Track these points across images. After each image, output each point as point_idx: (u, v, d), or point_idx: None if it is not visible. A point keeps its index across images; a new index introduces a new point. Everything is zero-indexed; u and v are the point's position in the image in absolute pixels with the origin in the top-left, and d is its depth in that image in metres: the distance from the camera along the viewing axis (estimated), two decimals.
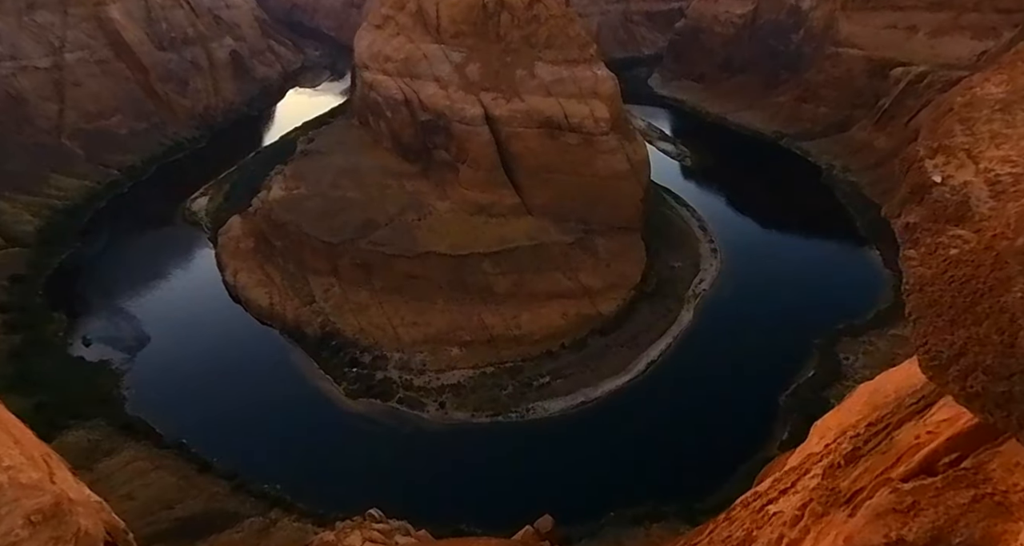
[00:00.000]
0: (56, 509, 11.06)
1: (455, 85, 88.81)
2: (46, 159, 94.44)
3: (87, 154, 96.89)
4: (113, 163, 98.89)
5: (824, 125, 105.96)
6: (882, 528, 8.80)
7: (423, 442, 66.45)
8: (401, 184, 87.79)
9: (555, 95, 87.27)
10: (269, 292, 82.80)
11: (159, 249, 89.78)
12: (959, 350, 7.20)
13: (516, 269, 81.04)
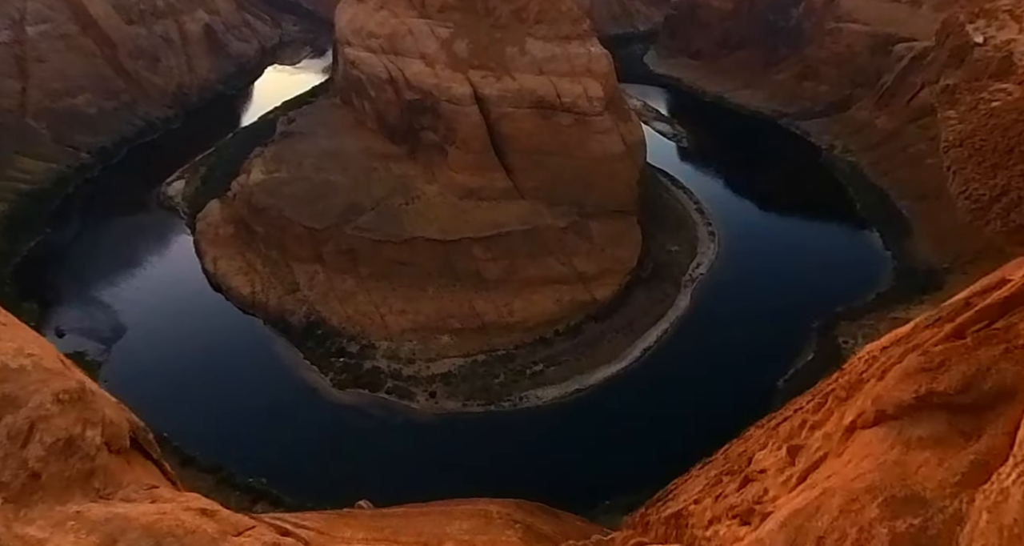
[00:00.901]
0: (82, 393, 11.69)
1: (442, 63, 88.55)
2: (9, 140, 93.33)
3: (54, 135, 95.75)
4: (82, 144, 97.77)
5: (824, 104, 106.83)
6: (911, 385, 9.72)
7: (413, 433, 67.24)
8: (387, 167, 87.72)
9: (547, 73, 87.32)
10: (251, 280, 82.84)
11: (134, 235, 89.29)
12: (1001, 190, 8.12)
13: (508, 254, 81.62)
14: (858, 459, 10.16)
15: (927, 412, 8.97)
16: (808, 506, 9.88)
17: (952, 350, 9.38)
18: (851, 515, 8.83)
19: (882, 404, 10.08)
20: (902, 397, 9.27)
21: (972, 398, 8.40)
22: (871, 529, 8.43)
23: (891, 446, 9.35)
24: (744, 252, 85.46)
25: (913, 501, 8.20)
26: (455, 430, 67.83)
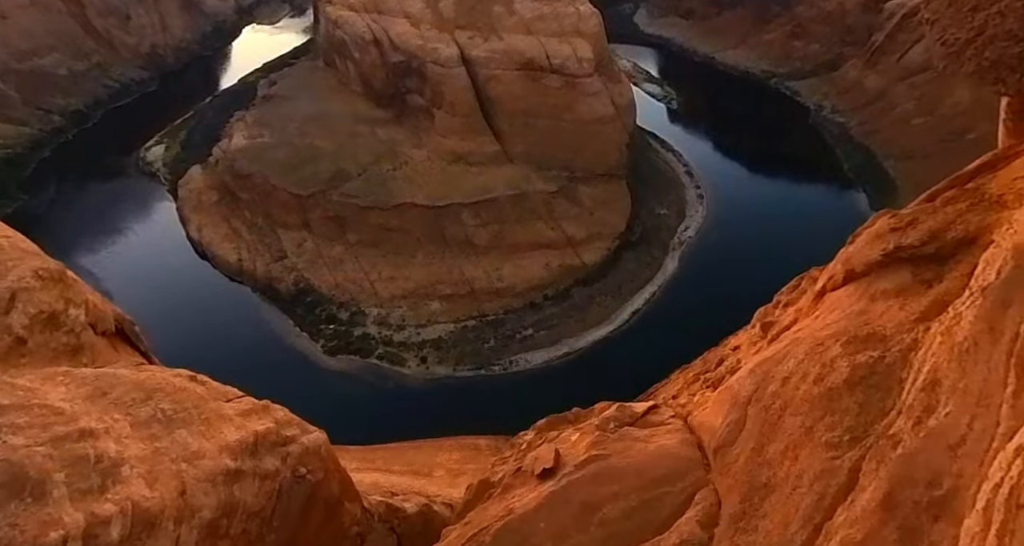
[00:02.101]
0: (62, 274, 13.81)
1: (428, 22, 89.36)
2: None
3: (23, 97, 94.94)
4: (53, 107, 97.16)
5: (815, 64, 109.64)
6: (880, 244, 12.06)
7: (405, 397, 71.38)
8: (373, 131, 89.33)
9: (535, 33, 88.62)
10: (237, 247, 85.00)
11: (114, 202, 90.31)
12: (977, 30, 9.17)
13: (497, 220, 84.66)
14: (826, 314, 12.77)
15: (893, 267, 11.49)
16: (776, 354, 12.23)
17: (921, 211, 11.07)
18: (815, 356, 10.97)
19: (851, 264, 12.40)
20: (870, 255, 11.71)
21: (935, 247, 10.68)
22: (832, 364, 10.75)
23: (858, 299, 11.47)
24: (732, 214, 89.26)
25: (873, 338, 10.56)
26: (446, 394, 71.45)
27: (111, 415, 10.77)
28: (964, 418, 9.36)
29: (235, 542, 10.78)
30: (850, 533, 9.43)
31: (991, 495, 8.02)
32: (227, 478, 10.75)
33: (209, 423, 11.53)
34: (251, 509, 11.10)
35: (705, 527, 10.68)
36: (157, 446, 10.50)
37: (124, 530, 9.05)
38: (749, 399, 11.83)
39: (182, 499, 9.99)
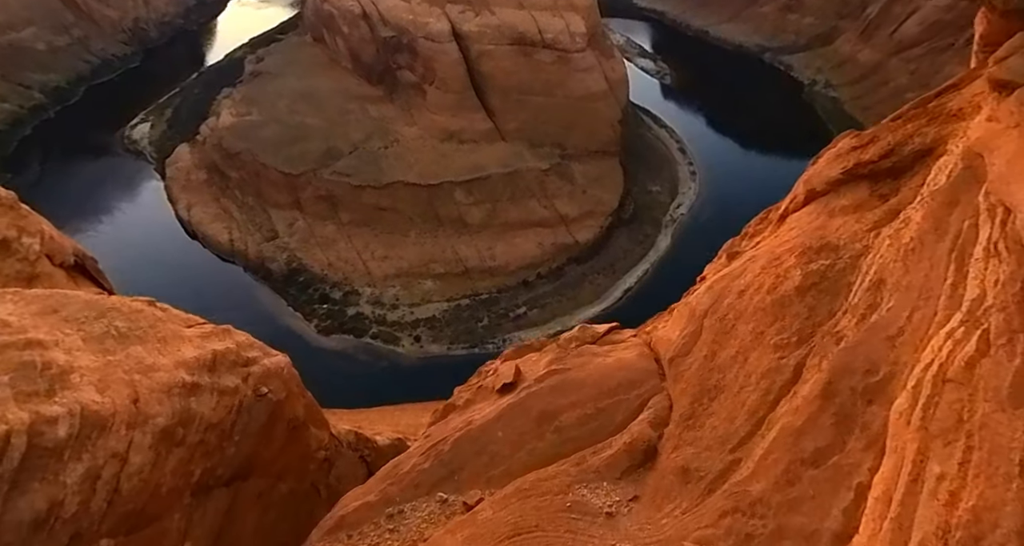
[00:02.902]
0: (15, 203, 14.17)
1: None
2: None
3: (1, 72, 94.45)
4: (34, 84, 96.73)
5: (808, 37, 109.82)
6: (840, 163, 12.76)
7: (400, 376, 72.23)
8: (364, 109, 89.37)
9: (527, 7, 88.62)
10: (228, 227, 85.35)
11: (100, 181, 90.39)
12: None
13: (490, 198, 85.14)
14: (785, 232, 13.29)
15: (852, 184, 12.07)
16: (733, 271, 12.88)
17: (883, 128, 12.38)
18: (771, 269, 11.65)
19: (812, 184, 13.25)
20: (831, 174, 12.45)
21: (893, 162, 11.44)
22: (786, 274, 11.35)
23: (816, 216, 12.37)
24: (724, 191, 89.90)
25: (827, 248, 11.25)
26: (440, 372, 72.42)
27: (62, 330, 11.04)
28: (905, 311, 9.82)
29: (192, 451, 11.11)
30: (790, 421, 9.99)
31: (921, 374, 8.46)
32: (183, 391, 11.06)
33: (165, 341, 11.82)
34: (209, 421, 11.42)
35: (656, 427, 11.11)
36: (110, 359, 10.79)
37: (72, 429, 9.36)
38: (706, 312, 12.29)
39: (135, 406, 10.28)
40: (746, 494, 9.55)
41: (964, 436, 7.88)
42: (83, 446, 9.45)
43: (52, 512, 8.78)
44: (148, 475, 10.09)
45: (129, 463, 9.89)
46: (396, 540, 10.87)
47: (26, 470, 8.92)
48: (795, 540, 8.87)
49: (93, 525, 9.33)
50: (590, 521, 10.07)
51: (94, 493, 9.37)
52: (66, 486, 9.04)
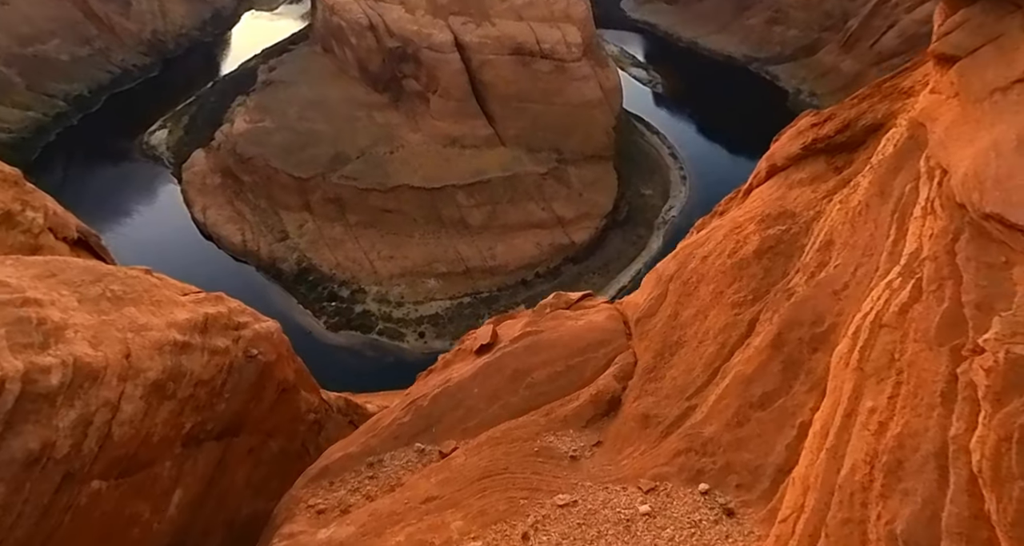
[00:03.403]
0: (19, 179, 14.18)
1: (422, 8, 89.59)
2: None
3: (27, 82, 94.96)
4: (57, 92, 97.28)
5: (793, 49, 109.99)
6: (800, 139, 13.08)
7: (405, 370, 72.09)
8: (371, 116, 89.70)
9: (526, 19, 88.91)
10: (241, 228, 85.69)
11: (120, 185, 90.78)
12: None
13: (490, 201, 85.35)
14: (748, 204, 13.60)
15: (811, 158, 12.34)
16: (699, 239, 13.18)
17: (839, 107, 12.81)
18: (732, 235, 11.98)
19: (774, 159, 13.54)
20: (791, 149, 12.73)
21: (847, 136, 11.70)
22: (746, 239, 11.64)
23: (777, 189, 12.72)
24: (714, 194, 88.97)
25: (784, 215, 11.57)
26: None
27: (59, 291, 11.14)
28: (850, 268, 9.95)
29: (183, 404, 11.26)
30: (742, 369, 10.09)
31: (860, 322, 8.62)
32: (174, 348, 11.20)
33: (159, 304, 11.95)
34: (200, 378, 11.55)
35: (620, 380, 11.26)
36: (104, 318, 10.92)
37: (65, 378, 9.49)
38: (671, 277, 12.42)
39: (127, 361, 10.41)
40: (699, 435, 9.72)
41: (895, 373, 8.05)
42: (75, 394, 9.59)
43: (44, 452, 8.94)
44: (139, 424, 10.24)
45: (120, 412, 10.04)
46: (375, 486, 11.03)
47: (19, 414, 9.07)
48: (741, 474, 9.03)
49: (85, 466, 9.48)
50: (555, 463, 10.23)
51: (85, 437, 9.52)
52: (58, 429, 9.19)
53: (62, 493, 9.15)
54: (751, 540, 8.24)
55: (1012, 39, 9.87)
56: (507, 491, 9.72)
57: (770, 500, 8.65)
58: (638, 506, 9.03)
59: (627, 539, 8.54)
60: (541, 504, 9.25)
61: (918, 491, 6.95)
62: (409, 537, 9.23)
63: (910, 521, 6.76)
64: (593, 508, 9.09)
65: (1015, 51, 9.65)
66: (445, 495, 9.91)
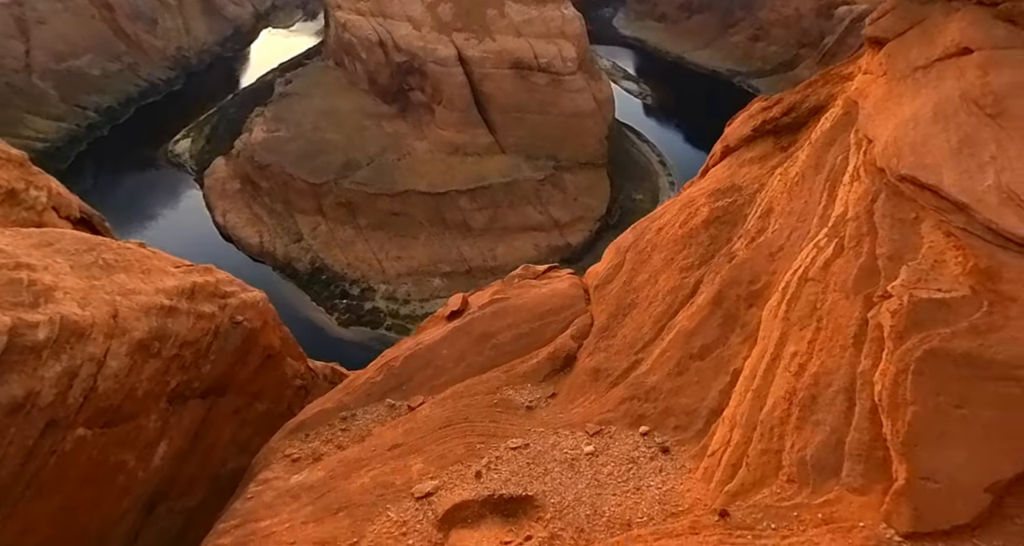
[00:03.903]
0: (24, 161, 14.17)
1: (428, 25, 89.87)
2: (19, 100, 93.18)
3: (61, 95, 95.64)
4: (89, 104, 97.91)
5: (773, 64, 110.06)
6: (751, 122, 13.32)
7: None
8: (379, 125, 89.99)
9: (524, 36, 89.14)
10: (259, 231, 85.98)
11: (146, 191, 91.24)
12: None
13: (491, 205, 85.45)
14: (702, 182, 13.75)
15: (760, 140, 12.58)
16: (655, 214, 13.36)
17: (787, 93, 13.13)
18: (685, 209, 12.24)
19: (727, 141, 13.79)
20: (743, 131, 12.98)
21: (792, 117, 11.97)
22: (696, 211, 11.87)
23: (728, 167, 12.97)
24: None
25: (732, 189, 11.82)
26: None
27: (53, 259, 11.16)
28: (785, 232, 10.05)
29: (168, 363, 11.31)
30: (685, 325, 10.15)
31: (790, 278, 8.65)
32: (161, 312, 11.24)
33: (149, 273, 11.99)
34: (185, 339, 11.61)
35: (577, 339, 11.33)
36: (94, 283, 10.95)
37: (51, 334, 9.54)
38: (628, 247, 12.48)
39: (113, 321, 10.45)
40: (643, 384, 9.81)
41: (815, 321, 8.18)
42: (62, 348, 9.65)
43: (28, 400, 8.99)
44: (124, 379, 10.29)
45: (106, 367, 10.09)
46: (347, 437, 11.11)
47: (5, 364, 9.11)
48: (679, 417, 9.14)
49: (69, 415, 9.54)
50: (512, 413, 10.33)
51: (70, 388, 9.57)
52: (43, 380, 9.24)
53: (46, 438, 9.22)
54: (682, 473, 8.38)
55: (934, 22, 10.12)
56: (466, 437, 9.83)
57: (702, 439, 8.78)
58: (583, 447, 9.16)
59: (570, 475, 8.67)
60: (495, 448, 9.38)
61: (827, 421, 7.11)
62: (373, 479, 9.35)
63: (819, 447, 6.94)
64: (542, 450, 9.22)
65: (936, 33, 9.89)
66: (409, 442, 10.02)
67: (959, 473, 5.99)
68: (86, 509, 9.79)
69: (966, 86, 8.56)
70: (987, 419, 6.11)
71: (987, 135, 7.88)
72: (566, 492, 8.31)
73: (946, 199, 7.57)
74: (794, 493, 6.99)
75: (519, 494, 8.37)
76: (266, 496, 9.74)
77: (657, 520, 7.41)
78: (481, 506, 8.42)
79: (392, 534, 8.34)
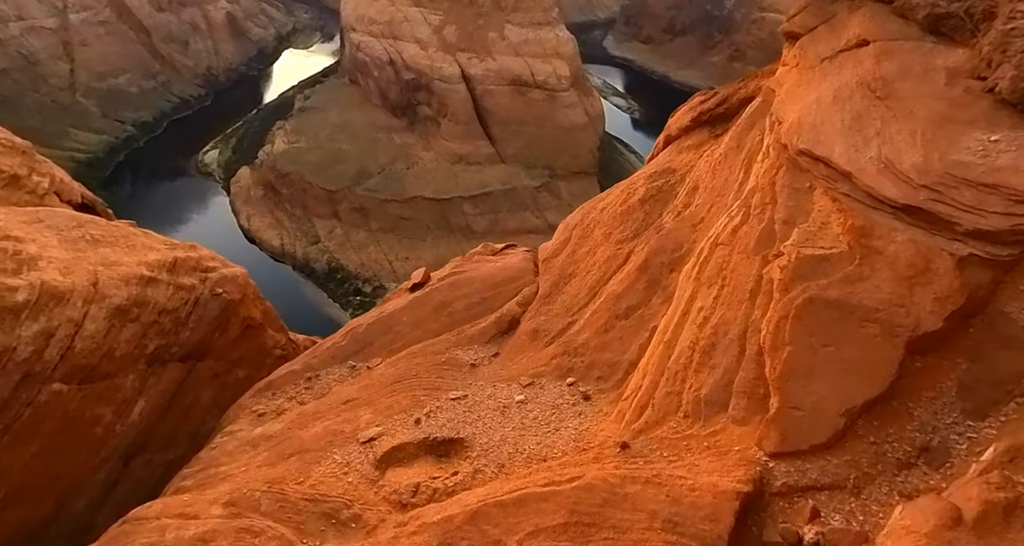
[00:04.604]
0: (27, 149, 14.11)
1: (434, 46, 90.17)
2: (64, 116, 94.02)
3: (102, 110, 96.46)
4: (127, 119, 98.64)
5: None
6: (690, 113, 13.51)
7: None
8: (390, 137, 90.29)
9: (522, 55, 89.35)
10: (279, 234, 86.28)
11: (178, 197, 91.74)
12: None
13: (492, 210, 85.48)
14: (643, 169, 13.80)
15: (698, 129, 12.85)
16: (599, 196, 13.50)
17: (723, 87, 13.38)
18: (626, 189, 12.43)
19: (670, 130, 14.02)
20: (683, 122, 13.23)
21: (725, 108, 12.24)
22: (635, 191, 12.07)
23: (669, 154, 13.21)
24: None
25: (667, 171, 12.06)
26: None
27: (42, 233, 11.10)
28: (707, 206, 10.03)
29: (146, 328, 11.27)
30: (615, 288, 10.09)
31: (704, 244, 8.62)
32: (140, 281, 11.20)
33: (134, 248, 11.96)
34: (164, 307, 11.57)
35: (522, 306, 11.29)
36: (79, 255, 10.90)
37: (31, 297, 9.50)
38: (575, 225, 12.48)
39: (93, 288, 10.42)
40: (573, 342, 9.85)
41: (721, 280, 8.27)
42: (40, 311, 9.63)
43: (4, 355, 8.96)
44: (102, 340, 10.26)
45: (84, 328, 10.07)
46: (309, 394, 11.11)
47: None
48: (602, 369, 9.21)
49: (45, 371, 9.51)
50: (457, 370, 10.37)
51: (47, 346, 9.55)
52: (20, 338, 9.22)
53: (21, 390, 9.21)
54: (599, 416, 8.47)
55: (840, 19, 10.42)
56: (412, 391, 9.85)
57: (620, 387, 8.83)
58: (515, 397, 9.21)
59: (500, 420, 8.74)
60: (438, 399, 9.42)
61: (722, 364, 7.20)
62: (325, 428, 9.37)
63: (712, 387, 7.05)
64: (479, 400, 9.26)
65: (841, 28, 10.19)
66: (362, 397, 10.03)
67: (821, 402, 6.22)
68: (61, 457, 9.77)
69: (862, 73, 8.85)
70: (848, 356, 6.39)
71: (875, 114, 8.16)
72: (493, 434, 8.39)
73: (835, 169, 7.90)
74: (688, 427, 7.17)
75: (452, 437, 8.44)
76: (229, 445, 9.75)
77: (569, 454, 7.53)
78: (417, 447, 8.50)
79: (335, 473, 8.40)
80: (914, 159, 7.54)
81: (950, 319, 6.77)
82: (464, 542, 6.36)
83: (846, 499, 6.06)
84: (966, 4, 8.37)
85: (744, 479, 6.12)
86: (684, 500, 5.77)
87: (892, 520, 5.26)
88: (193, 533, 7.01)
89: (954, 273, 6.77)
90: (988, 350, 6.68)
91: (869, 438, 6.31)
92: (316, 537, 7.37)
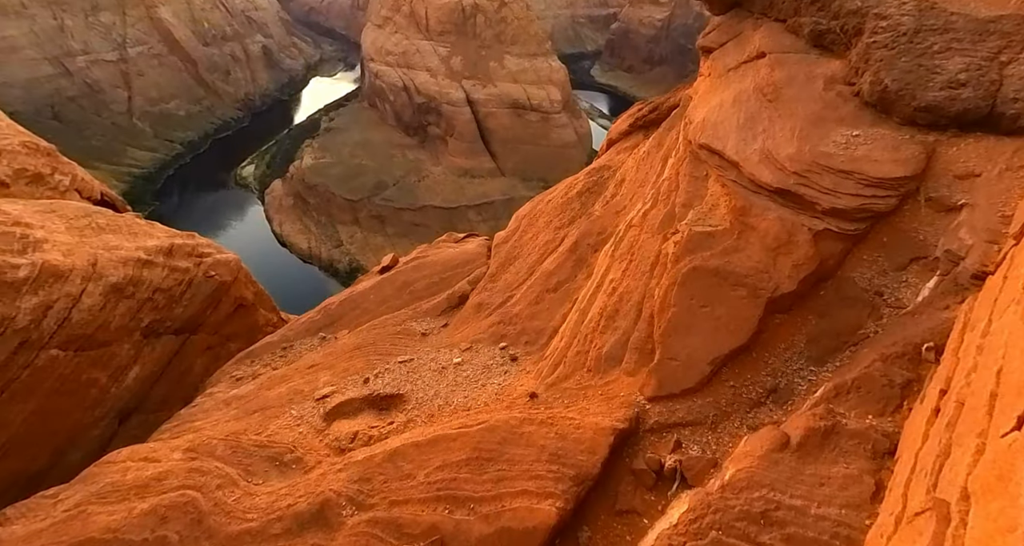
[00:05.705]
0: (51, 151, 13.95)
1: (442, 74, 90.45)
2: (122, 136, 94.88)
3: (154, 132, 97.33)
4: (176, 139, 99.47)
5: None
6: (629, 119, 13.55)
7: None
8: (404, 153, 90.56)
9: (520, 82, 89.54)
10: (307, 238, 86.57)
11: (220, 206, 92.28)
12: None
13: (493, 217, 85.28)
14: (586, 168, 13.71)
15: (634, 134, 12.91)
16: (547, 191, 13.42)
17: (658, 97, 13.34)
18: (569, 184, 12.47)
19: (611, 135, 14.06)
20: (622, 127, 13.29)
21: (656, 114, 12.32)
22: (574, 186, 12.11)
23: (608, 156, 13.16)
24: None
25: (603, 168, 12.09)
26: None
27: (52, 221, 10.99)
28: (629, 196, 9.91)
29: (141, 304, 11.17)
30: (547, 267, 9.95)
31: (621, 227, 8.48)
32: (137, 263, 11.09)
33: (136, 235, 11.86)
34: (158, 286, 11.46)
35: (472, 284, 11.13)
36: (83, 240, 10.79)
37: (31, 273, 9.39)
38: (525, 215, 12.27)
39: (92, 268, 10.31)
40: (508, 313, 9.75)
41: (630, 256, 8.27)
42: (40, 286, 9.54)
43: (4, 323, 8.89)
44: (98, 313, 10.18)
45: (81, 302, 9.99)
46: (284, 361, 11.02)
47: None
48: (530, 335, 9.15)
49: (43, 338, 9.43)
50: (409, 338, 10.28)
51: (45, 316, 9.47)
52: (19, 309, 9.15)
53: (19, 355, 9.14)
54: (521, 374, 8.43)
55: (745, 35, 10.48)
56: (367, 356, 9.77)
57: (544, 350, 8.74)
58: (453, 359, 9.11)
59: (438, 378, 8.70)
60: (387, 362, 9.32)
61: (622, 326, 7.14)
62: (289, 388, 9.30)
63: (613, 345, 7.03)
64: (423, 363, 9.20)
65: (745, 43, 10.28)
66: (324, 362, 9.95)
67: (694, 353, 6.21)
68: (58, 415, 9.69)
69: (758, 80, 9.00)
70: (719, 314, 6.42)
71: (764, 114, 8.29)
72: (428, 390, 8.34)
73: (726, 160, 8.02)
74: (588, 379, 7.21)
75: (393, 393, 8.35)
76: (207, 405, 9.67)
77: (489, 405, 7.47)
78: (362, 402, 8.43)
79: (289, 425, 8.34)
80: (789, 151, 7.82)
81: (804, 282, 7.08)
82: (381, 476, 6.37)
83: (705, 433, 6.20)
84: (841, 22, 8.65)
85: (622, 418, 6.23)
86: (569, 436, 5.84)
87: (738, 448, 5.37)
88: (150, 473, 6.97)
89: (810, 244, 7.09)
90: (833, 308, 6.97)
91: (729, 382, 6.44)
92: (260, 477, 7.33)
